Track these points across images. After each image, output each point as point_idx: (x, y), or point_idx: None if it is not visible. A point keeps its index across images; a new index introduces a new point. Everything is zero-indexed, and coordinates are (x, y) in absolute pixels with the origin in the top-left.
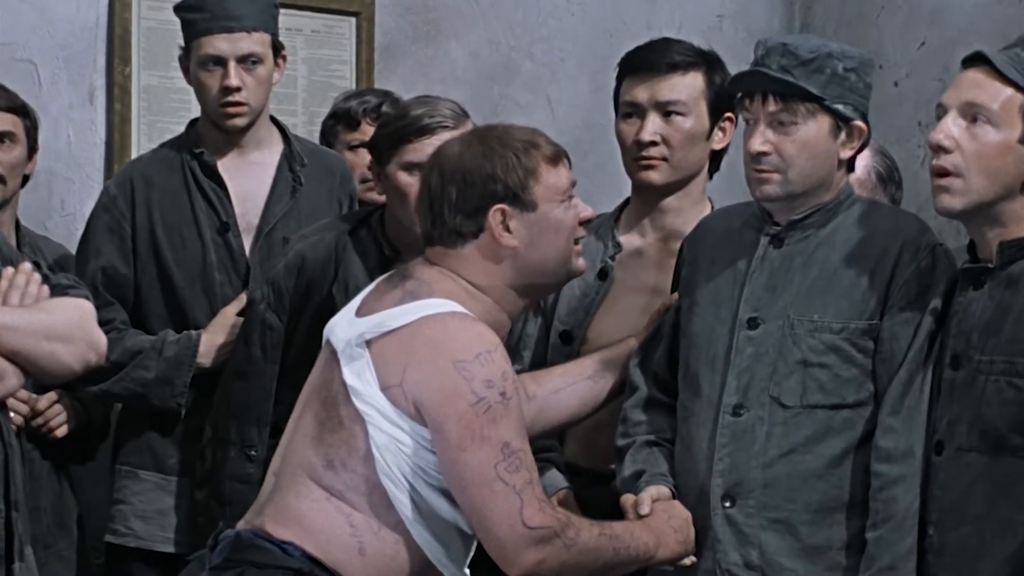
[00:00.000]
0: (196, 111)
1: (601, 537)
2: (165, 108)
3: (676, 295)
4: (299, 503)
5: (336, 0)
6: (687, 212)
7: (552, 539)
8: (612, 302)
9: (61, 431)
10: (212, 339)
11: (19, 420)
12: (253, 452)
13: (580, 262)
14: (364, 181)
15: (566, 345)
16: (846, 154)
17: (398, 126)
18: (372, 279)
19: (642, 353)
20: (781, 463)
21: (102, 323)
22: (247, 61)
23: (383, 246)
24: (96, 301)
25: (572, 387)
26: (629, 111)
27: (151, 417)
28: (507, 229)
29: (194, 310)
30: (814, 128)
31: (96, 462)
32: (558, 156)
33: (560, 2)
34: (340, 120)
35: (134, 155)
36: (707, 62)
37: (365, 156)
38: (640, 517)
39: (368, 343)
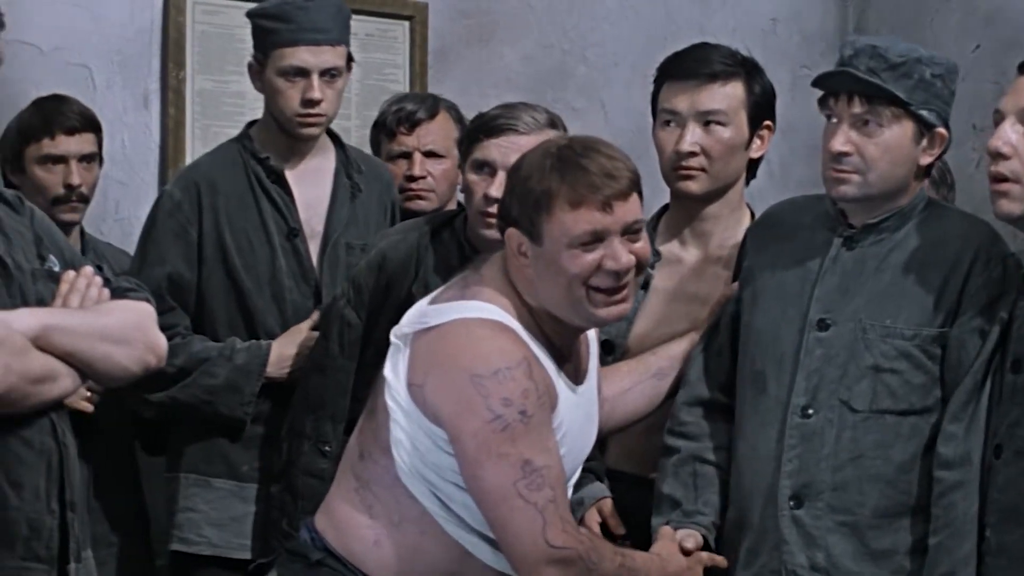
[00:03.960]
0: (249, 115)
1: (621, 569)
2: (219, 112)
3: (735, 285)
4: (335, 492)
5: (390, 4)
6: (726, 219)
7: (574, 561)
8: (652, 310)
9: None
10: (282, 350)
11: (88, 407)
12: (327, 447)
13: (604, 312)
14: (403, 191)
15: (607, 354)
16: (925, 160)
17: (474, 126)
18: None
19: (701, 345)
20: (850, 467)
21: (166, 328)
22: (328, 74)
23: (464, 247)
24: (160, 307)
25: (639, 386)
26: (668, 119)
27: (217, 425)
28: (523, 255)
29: (263, 316)
30: (898, 132)
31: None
32: (584, 200)
33: (614, 6)
34: (380, 130)
35: (188, 159)
36: (747, 71)
37: (404, 165)
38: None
39: (411, 336)
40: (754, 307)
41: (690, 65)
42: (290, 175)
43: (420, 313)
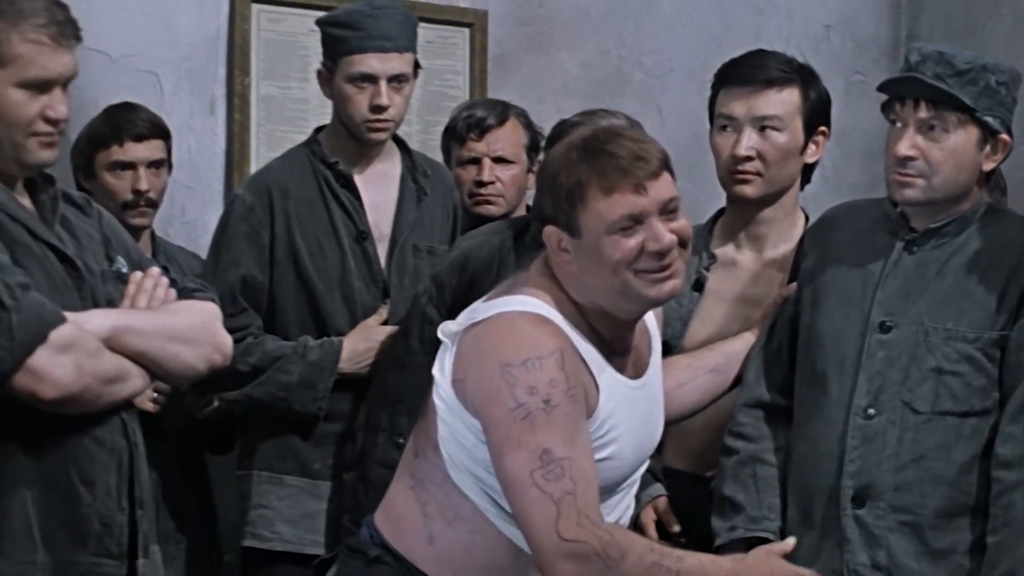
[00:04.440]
0: (312, 120)
1: (654, 568)
2: (283, 117)
3: (792, 287)
4: (394, 489)
5: (450, 11)
6: (780, 223)
7: (589, 556)
8: (708, 312)
9: (207, 411)
10: (354, 346)
11: (151, 408)
12: (401, 440)
13: (655, 290)
14: (472, 196)
15: (663, 354)
16: (988, 166)
17: (555, 134)
18: None
19: (759, 347)
20: (912, 467)
21: (239, 329)
22: (396, 80)
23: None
24: (233, 308)
25: (695, 381)
26: (725, 124)
27: (289, 423)
28: (564, 251)
29: (334, 317)
30: (963, 137)
31: (230, 460)
32: (617, 185)
33: (670, 13)
34: (451, 136)
35: (253, 164)
36: (803, 77)
37: (473, 171)
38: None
39: (459, 335)
40: (815, 309)
41: (747, 71)
42: (358, 179)
43: (470, 311)
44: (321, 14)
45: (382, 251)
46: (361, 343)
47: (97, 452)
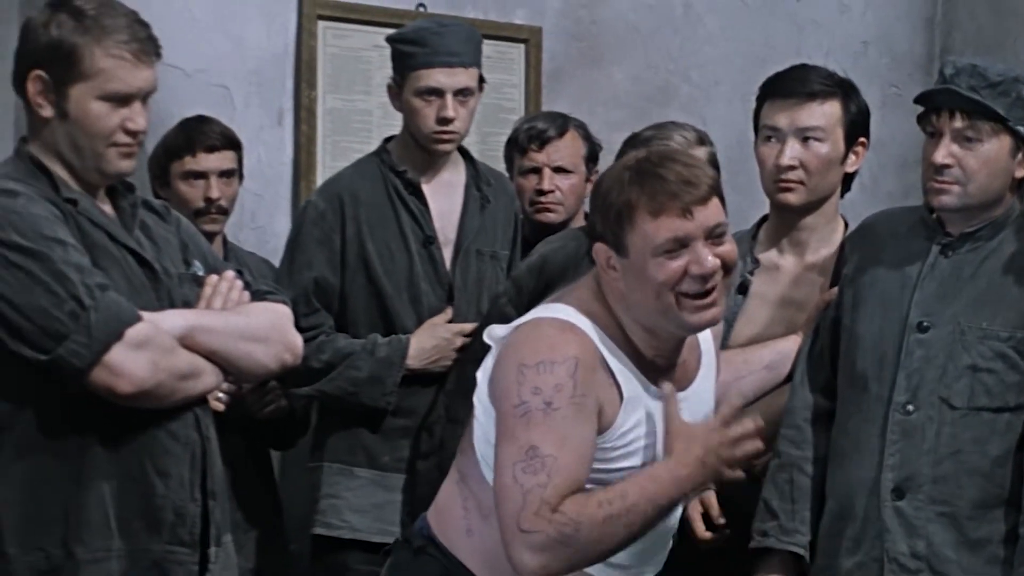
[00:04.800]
0: (375, 131)
1: (607, 522)
2: (347, 128)
3: (833, 291)
4: (445, 483)
5: (507, 28)
6: (821, 230)
7: (547, 544)
8: (752, 314)
9: (268, 411)
10: (421, 343)
11: (219, 407)
12: None
13: (695, 318)
14: (533, 204)
15: None
16: (1020, 173)
17: (625, 145)
18: None
19: (805, 350)
20: (949, 460)
21: (311, 328)
22: (462, 94)
23: None
24: (307, 308)
25: (751, 376)
26: (769, 135)
27: (358, 417)
28: (612, 268)
29: (402, 317)
30: (996, 146)
31: (295, 455)
32: (665, 208)
33: (715, 29)
34: (513, 146)
35: (319, 173)
36: (844, 90)
37: (534, 180)
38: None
39: (504, 340)
40: (855, 311)
41: (791, 85)
42: (426, 187)
43: (517, 320)
44: (382, 30)
45: (447, 255)
46: (428, 341)
47: (171, 445)
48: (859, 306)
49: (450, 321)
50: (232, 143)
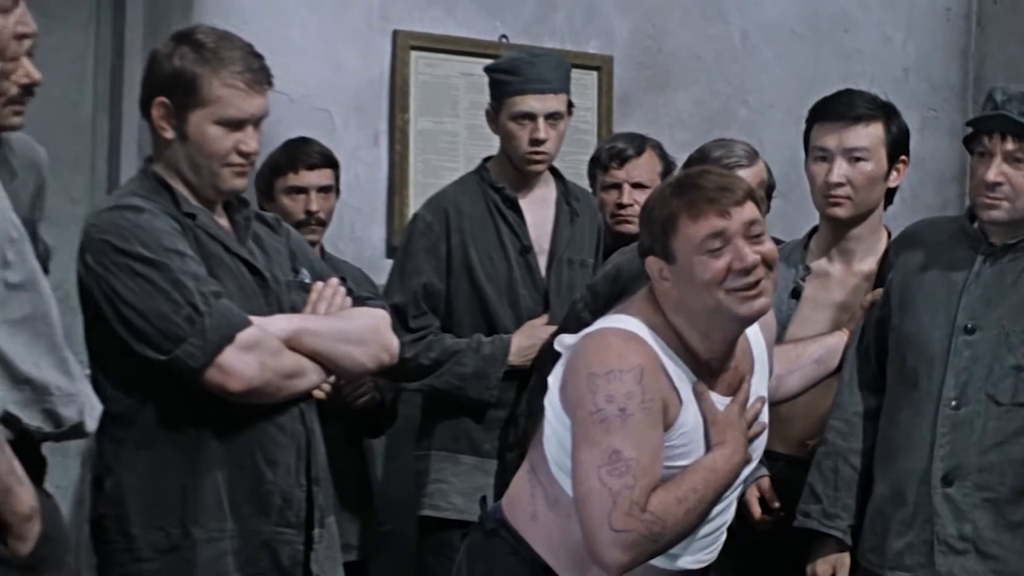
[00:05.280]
0: (462, 151)
1: (685, 516)
2: (436, 148)
3: (877, 292)
4: (517, 473)
5: (581, 57)
6: (867, 239)
7: (637, 542)
8: (804, 317)
9: (361, 401)
10: (520, 342)
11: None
12: None
13: (745, 307)
14: (613, 216)
15: None
16: None
17: (693, 156)
18: None
19: (853, 349)
20: (994, 451)
21: (421, 329)
22: (552, 117)
23: None
24: (416, 311)
25: (801, 369)
26: (819, 155)
27: (463, 409)
28: (665, 278)
29: (502, 318)
30: None
31: (383, 443)
32: (704, 211)
33: (770, 57)
34: (596, 164)
35: (411, 188)
36: (886, 113)
37: (615, 194)
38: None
39: (573, 346)
40: (903, 314)
41: (838, 108)
42: (522, 202)
43: (588, 328)
44: (468, 59)
45: (542, 263)
46: (526, 340)
47: (279, 437)
48: (907, 308)
49: (547, 322)
50: (330, 161)
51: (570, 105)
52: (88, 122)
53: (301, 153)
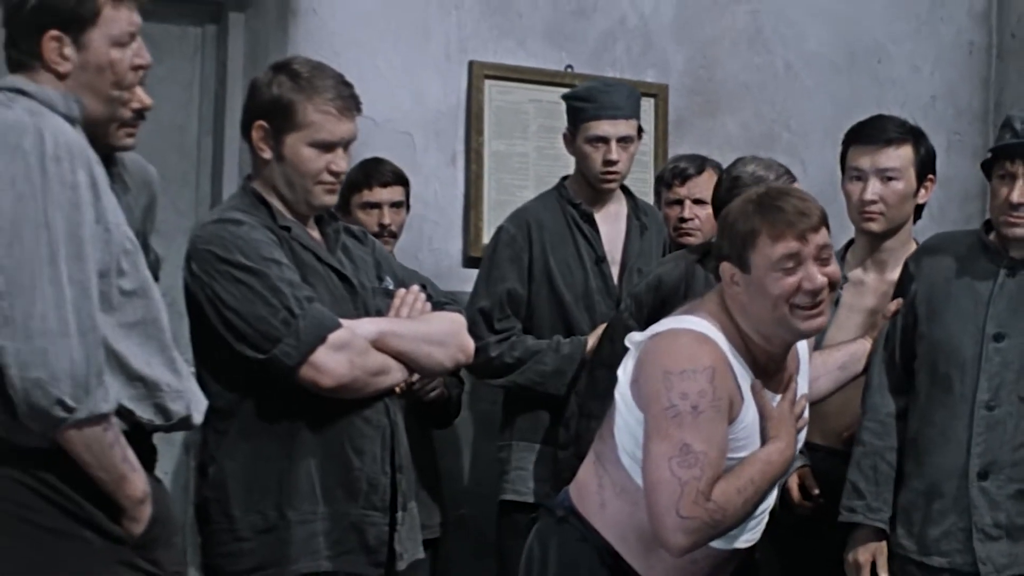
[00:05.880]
0: (533, 170)
1: (746, 504)
2: (508, 168)
3: (897, 303)
4: (584, 464)
5: (639, 85)
6: (898, 251)
7: (700, 528)
8: (841, 322)
9: (432, 394)
10: (595, 343)
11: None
12: None
13: (806, 325)
14: (675, 229)
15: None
16: None
17: (727, 169)
18: None
19: (880, 355)
20: None
21: (505, 331)
22: (624, 141)
23: None
24: (500, 314)
25: (828, 375)
26: (854, 174)
27: (542, 403)
28: (736, 284)
29: (579, 322)
30: None
31: (452, 432)
32: (784, 233)
33: (810, 85)
34: (660, 182)
35: (485, 204)
36: (915, 136)
37: (677, 210)
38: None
39: (643, 343)
40: (932, 323)
41: (871, 132)
42: (597, 216)
43: (656, 325)
44: (537, 87)
45: (615, 272)
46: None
47: (366, 428)
48: (936, 318)
49: None
50: (401, 179)
51: (640, 130)
52: (194, 144)
53: (375, 171)
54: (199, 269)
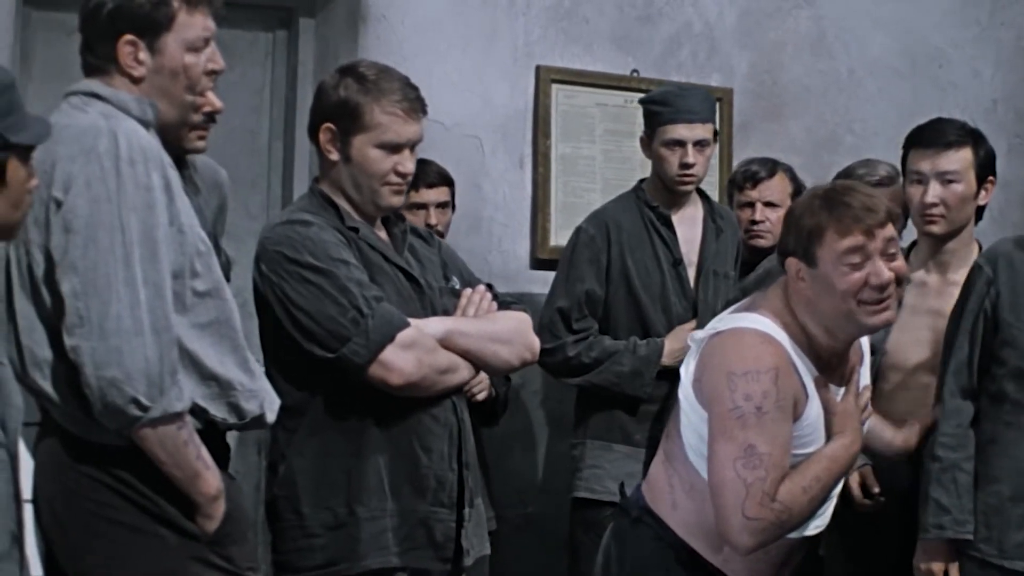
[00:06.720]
0: (599, 173)
1: (812, 502)
2: (575, 170)
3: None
4: (654, 464)
5: (705, 89)
6: (960, 252)
7: (766, 528)
8: (905, 322)
9: (481, 396)
10: (672, 344)
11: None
12: None
13: (873, 319)
14: (747, 232)
15: (871, 355)
16: None
17: (841, 173)
18: None
19: (951, 368)
20: None
21: (582, 331)
22: (699, 144)
23: None
24: (578, 314)
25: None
26: (915, 178)
27: (616, 402)
28: (802, 279)
29: (655, 323)
30: None
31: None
32: (851, 229)
33: (873, 90)
34: (733, 185)
35: (552, 206)
36: (974, 139)
37: (749, 212)
38: None
39: (704, 341)
40: (1014, 330)
41: (931, 136)
42: (674, 219)
43: (716, 320)
44: (603, 91)
45: (691, 274)
46: (678, 343)
47: (433, 426)
48: (1018, 321)
49: (696, 327)
50: (447, 180)
51: (715, 133)
52: (264, 147)
53: (421, 173)
54: (268, 270)
